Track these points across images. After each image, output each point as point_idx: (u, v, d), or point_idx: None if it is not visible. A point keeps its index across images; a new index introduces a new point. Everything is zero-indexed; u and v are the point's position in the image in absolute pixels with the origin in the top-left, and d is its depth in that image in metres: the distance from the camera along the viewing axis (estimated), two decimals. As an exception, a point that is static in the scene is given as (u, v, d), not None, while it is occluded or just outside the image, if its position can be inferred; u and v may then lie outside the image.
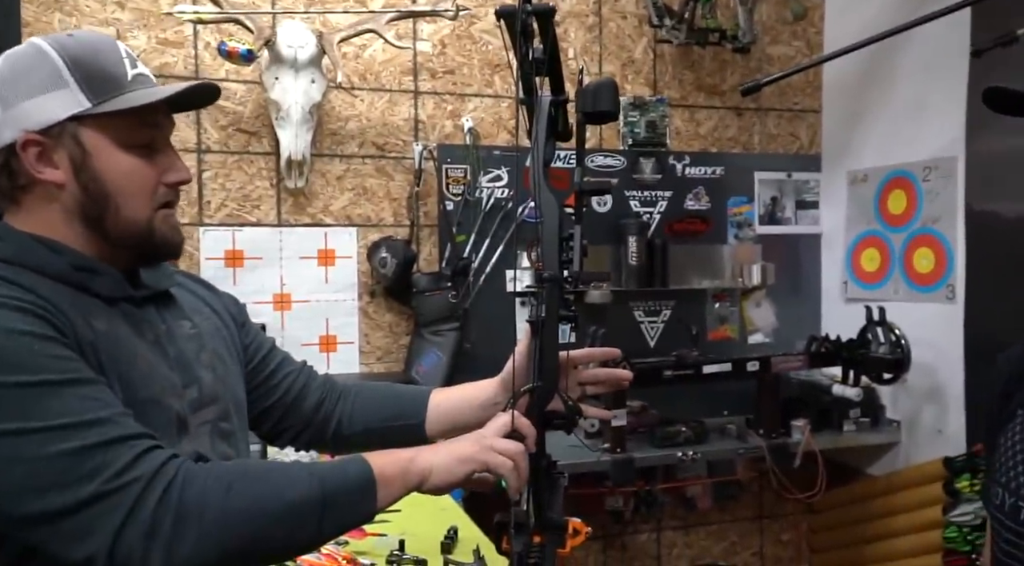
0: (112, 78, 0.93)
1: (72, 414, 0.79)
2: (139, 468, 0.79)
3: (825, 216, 3.27)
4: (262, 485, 0.84)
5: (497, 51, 2.82)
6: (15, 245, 0.90)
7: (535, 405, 1.12)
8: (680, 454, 2.57)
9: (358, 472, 0.91)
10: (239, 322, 1.19)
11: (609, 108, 1.14)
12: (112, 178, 0.93)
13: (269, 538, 0.84)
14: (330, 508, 0.87)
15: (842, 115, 3.20)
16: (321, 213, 2.65)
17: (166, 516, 0.78)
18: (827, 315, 3.25)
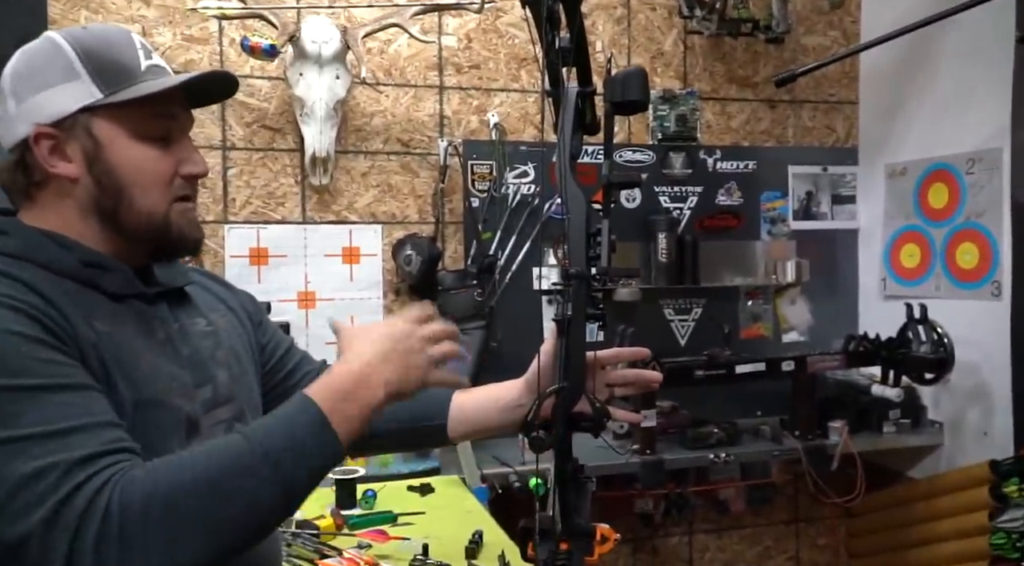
0: (125, 69, 0.91)
1: (46, 423, 0.75)
2: (79, 496, 0.74)
3: (862, 211, 3.18)
4: (198, 471, 0.77)
5: (523, 45, 2.78)
6: (21, 240, 0.89)
7: (561, 407, 1.09)
8: (712, 456, 2.51)
9: (303, 416, 0.84)
10: (256, 321, 1.17)
11: (639, 97, 1.10)
12: (126, 170, 0.91)
13: (228, 520, 0.77)
14: (287, 474, 0.80)
15: (880, 106, 3.11)
16: (346, 210, 2.63)
17: (107, 545, 0.73)
18: (865, 313, 3.16)
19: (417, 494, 2.04)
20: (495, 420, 1.24)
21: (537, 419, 1.12)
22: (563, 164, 1.19)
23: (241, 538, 0.80)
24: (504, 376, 1.29)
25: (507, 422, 1.25)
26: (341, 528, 1.79)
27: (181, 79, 0.92)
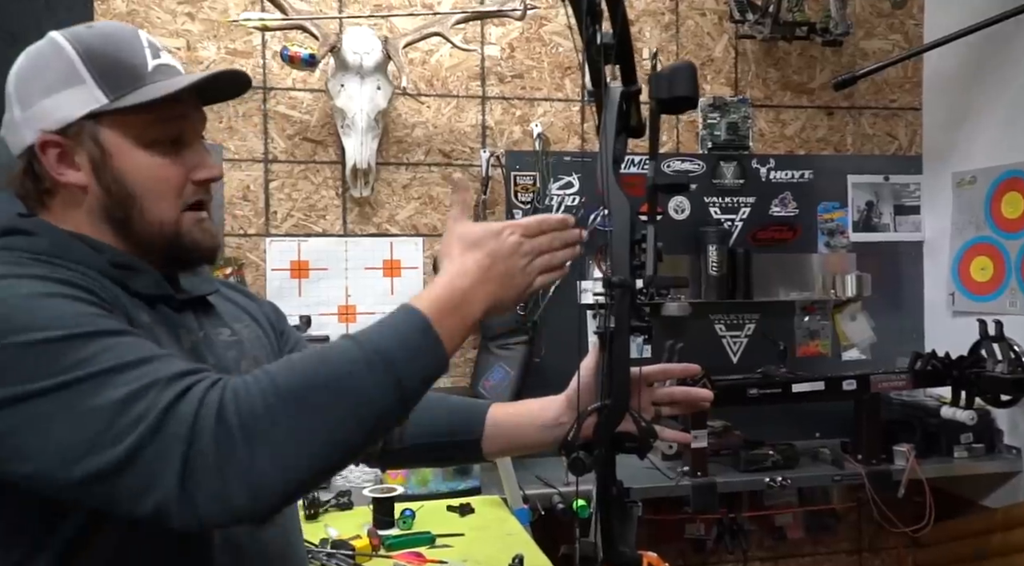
0: (130, 70, 0.87)
1: (122, 356, 0.72)
2: (185, 402, 0.71)
3: (927, 222, 3.04)
4: (319, 378, 0.74)
5: (567, 53, 2.73)
6: (48, 240, 0.86)
7: (603, 426, 1.02)
8: (768, 479, 2.40)
9: (409, 321, 0.80)
10: (278, 330, 1.14)
11: (688, 93, 1.03)
12: (134, 178, 0.87)
13: (348, 430, 0.74)
14: (404, 381, 0.76)
15: (945, 112, 2.98)
16: (387, 223, 2.60)
17: (231, 441, 0.69)
18: (931, 329, 3.01)
19: (456, 514, 1.99)
20: (532, 438, 1.18)
21: (578, 439, 1.06)
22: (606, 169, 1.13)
23: (360, 438, 0.76)
24: (548, 393, 1.23)
25: (546, 440, 1.18)
26: (377, 549, 1.75)
27: (190, 80, 0.88)
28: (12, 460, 0.72)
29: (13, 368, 0.71)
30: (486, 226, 0.91)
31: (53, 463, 0.71)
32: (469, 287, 0.85)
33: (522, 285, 0.89)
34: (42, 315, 0.73)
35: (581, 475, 0.99)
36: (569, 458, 1.06)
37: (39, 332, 0.72)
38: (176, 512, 0.70)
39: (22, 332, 0.72)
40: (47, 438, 0.70)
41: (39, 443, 0.71)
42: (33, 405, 0.71)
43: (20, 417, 0.71)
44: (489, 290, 0.86)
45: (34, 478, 0.72)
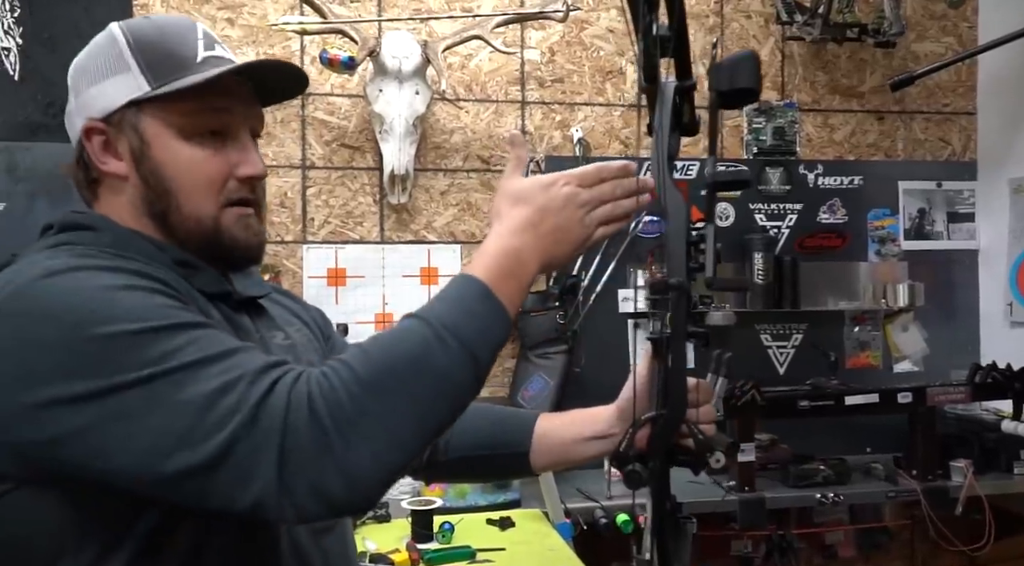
0: (179, 59, 0.85)
1: (207, 348, 0.71)
2: (276, 394, 0.70)
3: (983, 229, 2.93)
4: (398, 364, 0.73)
5: (609, 57, 2.69)
6: (112, 235, 0.84)
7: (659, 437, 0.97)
8: (819, 495, 2.31)
9: (469, 291, 0.78)
10: (326, 336, 1.12)
11: (750, 85, 0.98)
12: (172, 170, 0.85)
13: (435, 415, 0.74)
14: (480, 357, 0.75)
15: (1001, 116, 2.88)
16: (424, 230, 2.57)
17: (323, 431, 0.69)
18: (987, 341, 2.90)
19: (496, 528, 1.94)
20: (582, 450, 1.13)
21: (631, 450, 1.00)
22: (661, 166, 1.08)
23: (445, 416, 0.75)
24: (588, 403, 1.18)
25: (596, 453, 1.13)
26: (416, 563, 1.70)
27: (228, 67, 0.85)
28: (96, 456, 0.70)
29: (98, 360, 0.69)
30: (536, 179, 0.87)
31: (142, 458, 0.69)
32: (520, 245, 0.82)
33: (579, 238, 0.86)
34: (123, 306, 0.72)
35: (637, 488, 0.94)
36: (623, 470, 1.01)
37: (122, 324, 0.70)
38: (274, 505, 0.68)
39: (105, 323, 0.70)
40: (135, 432, 0.69)
41: (126, 438, 0.69)
42: (119, 398, 0.69)
43: (106, 411, 0.69)
44: (542, 246, 0.83)
45: (118, 474, 0.70)
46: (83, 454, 0.70)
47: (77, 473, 0.71)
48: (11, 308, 0.73)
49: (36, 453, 0.72)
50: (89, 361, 0.69)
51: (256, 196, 0.91)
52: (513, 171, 0.90)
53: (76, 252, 0.80)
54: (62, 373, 0.69)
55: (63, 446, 0.70)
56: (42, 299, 0.72)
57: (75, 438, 0.69)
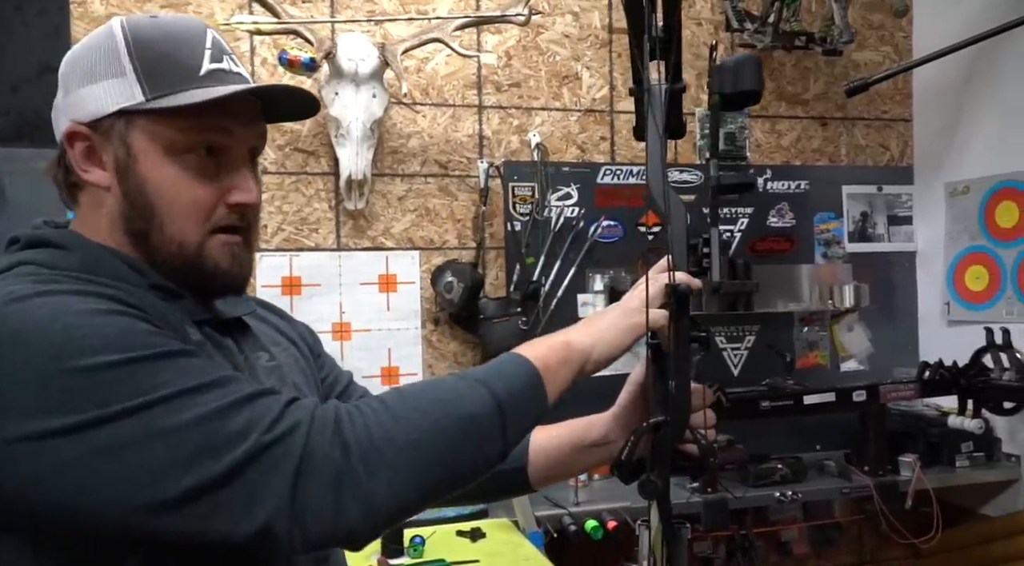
0: (180, 70, 0.79)
1: (199, 376, 0.68)
2: (293, 415, 0.68)
3: (920, 232, 3.04)
4: (429, 405, 0.73)
5: (565, 62, 2.69)
6: (80, 256, 0.78)
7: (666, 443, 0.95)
8: (778, 494, 2.35)
9: (522, 370, 0.81)
10: (315, 353, 1.07)
11: (753, 87, 0.99)
12: (156, 189, 0.79)
13: (457, 460, 0.74)
14: (508, 414, 0.77)
15: (936, 123, 2.99)
16: (382, 236, 2.52)
17: (347, 457, 0.67)
18: (926, 339, 3.01)
19: (467, 539, 1.90)
20: (582, 460, 1.11)
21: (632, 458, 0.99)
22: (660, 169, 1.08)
23: (464, 461, 0.75)
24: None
25: (595, 462, 1.11)
26: (390, 579, 1.65)
27: (235, 90, 0.78)
28: (77, 493, 0.64)
29: (80, 393, 0.64)
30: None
31: (137, 488, 0.64)
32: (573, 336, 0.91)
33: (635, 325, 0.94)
34: (102, 335, 0.67)
35: (653, 498, 0.92)
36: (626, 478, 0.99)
37: (103, 354, 0.65)
38: (284, 530, 0.65)
39: (85, 354, 0.65)
40: (129, 462, 0.64)
41: (118, 469, 0.64)
42: (108, 430, 0.64)
43: (92, 445, 0.64)
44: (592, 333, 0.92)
45: (103, 511, 0.65)
46: (61, 492, 0.65)
47: (50, 514, 0.66)
48: None
49: (4, 494, 0.66)
50: (68, 394, 0.64)
51: (246, 223, 0.84)
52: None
53: (41, 278, 0.73)
54: (39, 408, 0.64)
55: (37, 485, 0.65)
56: (9, 327, 0.66)
57: (53, 475, 0.64)
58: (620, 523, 2.12)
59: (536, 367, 0.82)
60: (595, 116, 2.72)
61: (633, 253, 2.68)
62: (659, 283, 0.94)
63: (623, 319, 0.92)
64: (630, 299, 0.96)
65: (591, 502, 2.25)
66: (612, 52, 2.74)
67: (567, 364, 0.85)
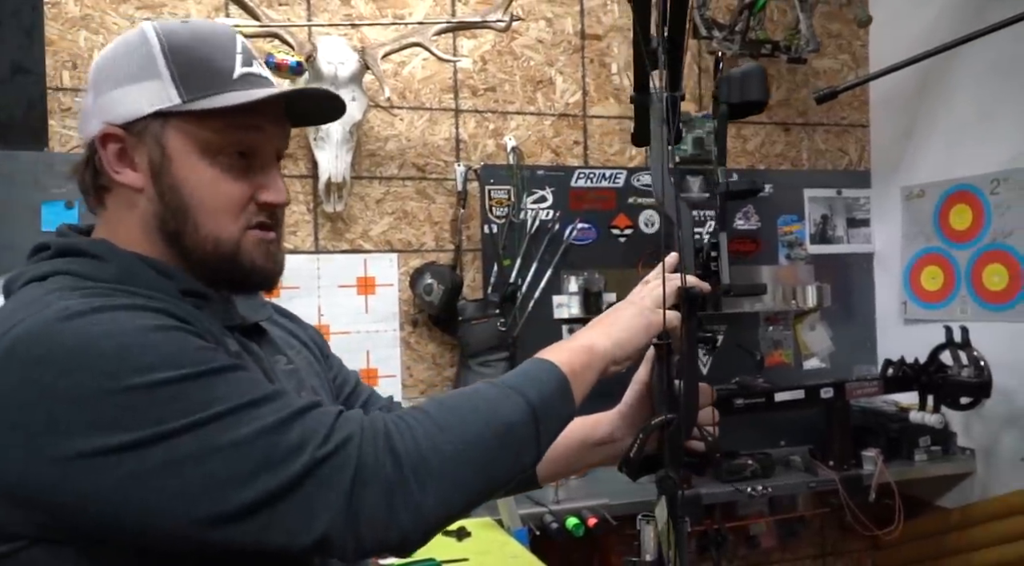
0: (214, 73, 0.80)
1: (251, 391, 0.69)
2: (345, 427, 0.70)
3: (877, 234, 3.16)
4: (470, 414, 0.76)
5: (539, 67, 2.72)
6: (116, 266, 0.78)
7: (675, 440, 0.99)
8: (748, 489, 2.42)
9: (551, 376, 0.84)
10: (324, 354, 1.08)
11: (759, 97, 1.04)
12: (192, 189, 0.80)
13: (498, 468, 0.77)
14: (542, 420, 0.80)
15: (893, 129, 3.11)
16: (360, 239, 2.52)
17: (399, 468, 0.70)
18: (883, 337, 3.13)
19: (453, 538, 1.92)
20: (588, 457, 1.14)
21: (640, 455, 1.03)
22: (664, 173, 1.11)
23: (502, 469, 0.78)
24: None
25: (601, 459, 1.15)
26: (381, 579, 1.66)
27: (269, 93, 0.81)
28: (137, 509, 0.65)
29: (138, 410, 0.66)
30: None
31: (200, 501, 0.66)
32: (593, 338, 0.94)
33: (651, 324, 0.98)
34: (159, 352, 0.68)
35: (672, 493, 0.95)
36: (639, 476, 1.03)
37: (160, 372, 0.67)
38: (340, 539, 0.67)
39: (142, 372, 0.66)
40: (188, 477, 0.65)
41: (177, 485, 0.65)
42: (166, 447, 0.65)
43: (151, 461, 0.65)
44: (612, 335, 0.95)
45: (161, 524, 0.66)
46: (121, 508, 0.66)
47: (108, 528, 0.67)
48: (29, 354, 0.67)
49: (64, 510, 0.67)
50: (128, 411, 0.66)
51: (276, 220, 0.87)
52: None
53: (93, 292, 0.74)
54: (98, 425, 0.65)
55: (97, 501, 0.66)
56: (66, 345, 0.67)
57: (114, 491, 0.65)
58: (600, 520, 2.16)
59: (564, 372, 0.84)
60: (568, 120, 2.76)
61: (607, 255, 2.73)
62: (672, 285, 0.97)
63: (638, 319, 0.95)
64: (642, 299, 0.99)
65: (570, 500, 2.28)
66: (584, 58, 2.78)
67: (590, 368, 0.88)
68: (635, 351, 0.94)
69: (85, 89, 0.86)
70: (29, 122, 2.16)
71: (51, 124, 2.22)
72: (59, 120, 2.24)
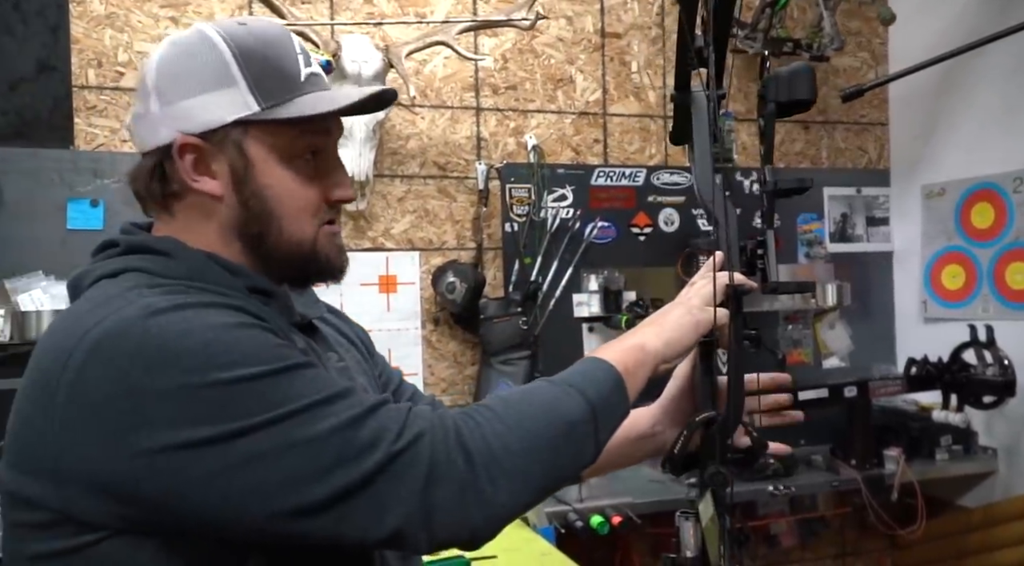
0: (286, 78, 0.81)
1: (326, 388, 0.71)
2: (417, 424, 0.72)
3: (897, 233, 3.15)
4: (534, 411, 0.78)
5: (559, 65, 2.73)
6: (187, 263, 0.80)
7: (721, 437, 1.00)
8: (771, 488, 2.42)
9: (608, 375, 0.86)
10: (370, 352, 1.09)
11: (807, 96, 1.04)
12: (275, 194, 0.82)
13: (562, 464, 0.79)
14: (600, 418, 0.82)
15: (912, 127, 3.11)
16: (382, 237, 2.53)
17: (471, 465, 0.71)
18: (903, 336, 3.12)
19: (480, 537, 1.92)
20: (631, 452, 1.15)
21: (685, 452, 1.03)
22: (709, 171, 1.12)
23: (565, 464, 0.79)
24: None
25: (643, 454, 1.15)
26: (411, 577, 1.67)
27: (351, 100, 0.83)
28: (218, 501, 0.67)
29: (221, 405, 0.68)
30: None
31: (275, 497, 0.67)
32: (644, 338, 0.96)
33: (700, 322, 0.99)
34: (241, 349, 0.70)
35: (724, 488, 0.96)
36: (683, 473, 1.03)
37: (242, 368, 0.69)
38: (412, 535, 0.69)
39: (225, 368, 0.68)
40: (267, 472, 0.67)
41: (258, 479, 0.67)
42: (247, 441, 0.67)
43: (233, 455, 0.67)
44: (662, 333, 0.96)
45: (240, 517, 0.68)
46: (204, 500, 0.68)
47: (189, 521, 0.69)
48: (115, 349, 0.68)
49: (148, 503, 0.68)
50: (212, 406, 0.68)
51: (339, 216, 0.91)
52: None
53: (174, 289, 0.76)
54: (183, 419, 0.67)
55: (181, 494, 0.68)
56: (152, 341, 0.69)
57: (197, 485, 0.67)
58: (624, 518, 2.16)
59: (619, 371, 0.86)
60: (589, 118, 2.77)
61: (626, 254, 2.73)
62: (720, 283, 0.98)
63: (687, 318, 0.96)
64: (689, 299, 1.00)
65: (593, 498, 2.29)
66: (604, 56, 2.79)
67: (643, 366, 0.89)
68: (684, 349, 0.96)
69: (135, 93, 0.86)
70: (54, 120, 2.18)
71: (76, 122, 2.24)
72: (84, 118, 2.25)
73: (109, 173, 2.19)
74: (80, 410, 0.68)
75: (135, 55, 2.31)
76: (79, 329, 0.70)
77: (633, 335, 0.94)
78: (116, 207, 2.19)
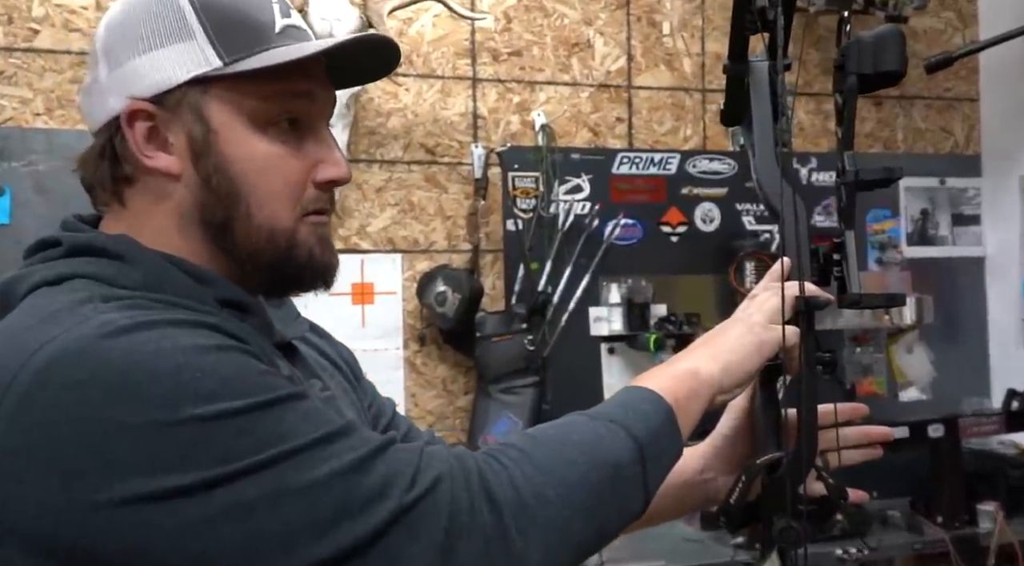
0: (255, 28, 0.80)
1: (322, 425, 0.71)
2: (434, 467, 0.72)
3: (990, 234, 3.16)
4: (571, 452, 0.78)
5: (575, 26, 2.74)
6: (143, 269, 0.78)
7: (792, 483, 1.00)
8: (840, 551, 2.41)
9: (656, 408, 0.85)
10: (356, 377, 1.09)
11: (896, 68, 1.04)
12: (244, 168, 0.81)
13: (606, 515, 0.78)
14: (649, 460, 0.81)
15: (1009, 103, 3.11)
16: (356, 236, 2.54)
17: (498, 516, 0.71)
18: (999, 363, 3.12)
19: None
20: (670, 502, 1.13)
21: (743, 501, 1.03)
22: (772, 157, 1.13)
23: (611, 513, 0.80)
24: None
25: (686, 504, 1.15)
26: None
27: (327, 44, 0.81)
28: (201, 560, 0.67)
29: (198, 446, 0.67)
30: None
31: (271, 553, 0.67)
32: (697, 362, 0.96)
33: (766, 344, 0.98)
34: (221, 377, 0.69)
35: (795, 549, 0.96)
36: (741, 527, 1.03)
37: (222, 401, 0.68)
38: None
39: (202, 401, 0.67)
40: (260, 525, 0.67)
41: (247, 533, 0.67)
42: (235, 489, 0.66)
43: (212, 507, 0.66)
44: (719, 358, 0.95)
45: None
46: (176, 560, 0.67)
47: None
48: (69, 378, 0.67)
49: (106, 560, 0.67)
50: (187, 448, 0.67)
51: (331, 206, 0.88)
52: None
53: (133, 303, 0.74)
54: (151, 464, 0.66)
55: (148, 553, 0.67)
56: (114, 366, 0.68)
57: (168, 541, 0.67)
58: (655, 586, 2.16)
59: (668, 402, 0.85)
60: (610, 92, 2.78)
61: (655, 259, 2.74)
62: (789, 296, 0.98)
63: (748, 338, 0.95)
64: (750, 316, 1.00)
65: (616, 561, 2.29)
66: (630, 15, 2.80)
67: (697, 397, 0.88)
68: (746, 377, 0.94)
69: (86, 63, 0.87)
70: (-50, 90, 2.19)
71: (-24, 92, 2.25)
72: (-13, 87, 2.27)
73: (19, 154, 2.18)
74: (23, 450, 0.67)
75: (54, 9, 2.32)
76: (21, 350, 0.69)
77: (683, 359, 0.93)
78: (25, 195, 2.19)
